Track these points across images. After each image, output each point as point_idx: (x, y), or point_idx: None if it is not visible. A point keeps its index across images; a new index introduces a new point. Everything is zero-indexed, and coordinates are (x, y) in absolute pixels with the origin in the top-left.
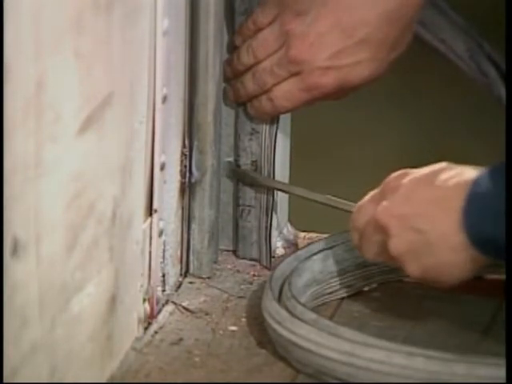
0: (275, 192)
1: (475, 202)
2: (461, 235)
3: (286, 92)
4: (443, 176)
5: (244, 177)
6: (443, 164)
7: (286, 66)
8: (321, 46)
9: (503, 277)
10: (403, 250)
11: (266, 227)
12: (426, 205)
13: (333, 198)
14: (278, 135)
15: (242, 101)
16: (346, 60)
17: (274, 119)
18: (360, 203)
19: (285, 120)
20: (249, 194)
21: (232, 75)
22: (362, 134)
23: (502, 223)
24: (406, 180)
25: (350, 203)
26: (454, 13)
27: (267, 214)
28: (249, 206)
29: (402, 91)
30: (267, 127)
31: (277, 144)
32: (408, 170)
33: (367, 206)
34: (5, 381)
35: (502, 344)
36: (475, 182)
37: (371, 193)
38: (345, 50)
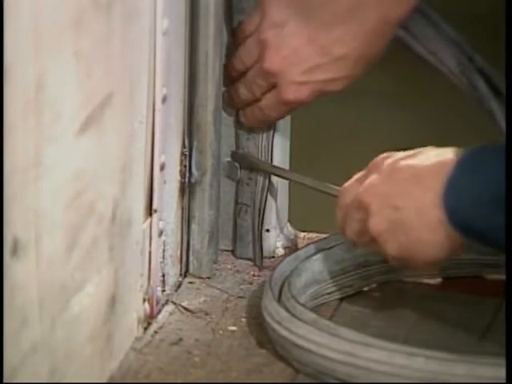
0: (269, 192)
1: (456, 182)
2: (438, 212)
3: (270, 103)
4: (424, 156)
5: (243, 160)
6: (427, 147)
7: (263, 76)
8: (295, 60)
9: (503, 277)
10: (382, 228)
11: (258, 227)
12: (405, 183)
13: (331, 185)
14: (278, 134)
15: (237, 108)
16: (322, 76)
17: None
18: (346, 184)
19: (285, 119)
20: (246, 192)
21: (228, 81)
22: (362, 132)
23: (481, 203)
24: (389, 160)
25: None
26: (445, 24)
27: (259, 215)
28: (246, 204)
29: (403, 90)
30: (265, 128)
31: (276, 142)
32: (393, 152)
33: (352, 186)
34: (5, 381)
35: (502, 344)
36: (458, 161)
37: (358, 174)
38: (321, 66)
